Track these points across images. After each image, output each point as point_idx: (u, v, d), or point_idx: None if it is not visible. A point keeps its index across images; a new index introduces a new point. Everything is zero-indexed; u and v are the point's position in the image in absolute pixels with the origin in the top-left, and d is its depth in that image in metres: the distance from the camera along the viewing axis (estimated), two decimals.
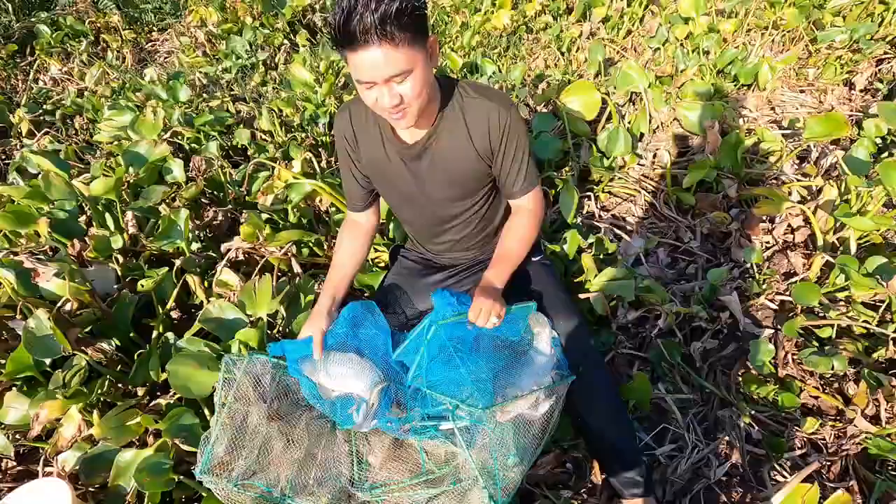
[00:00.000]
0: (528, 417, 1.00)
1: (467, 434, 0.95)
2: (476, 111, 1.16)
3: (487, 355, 1.05)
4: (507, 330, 1.11)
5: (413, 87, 1.01)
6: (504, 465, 0.93)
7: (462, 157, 1.21)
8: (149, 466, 1.17)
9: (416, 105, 1.05)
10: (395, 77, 0.98)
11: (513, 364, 1.06)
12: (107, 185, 1.92)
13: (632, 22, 3.20)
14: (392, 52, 0.94)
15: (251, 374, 1.28)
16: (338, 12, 0.92)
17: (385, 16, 0.89)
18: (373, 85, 1.00)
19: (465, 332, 1.06)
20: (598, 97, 2.28)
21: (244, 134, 2.53)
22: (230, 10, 3.91)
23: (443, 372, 1.02)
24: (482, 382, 0.98)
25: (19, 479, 1.39)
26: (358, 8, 0.89)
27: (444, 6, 3.85)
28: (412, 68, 0.98)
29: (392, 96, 1.01)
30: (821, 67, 2.69)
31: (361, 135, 1.26)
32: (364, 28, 0.90)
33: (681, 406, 1.45)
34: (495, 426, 0.94)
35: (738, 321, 1.60)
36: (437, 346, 1.04)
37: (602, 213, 2.10)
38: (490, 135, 1.17)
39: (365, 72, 0.97)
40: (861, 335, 1.52)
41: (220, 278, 1.65)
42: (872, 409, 1.33)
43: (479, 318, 1.04)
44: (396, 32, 0.92)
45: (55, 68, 3.61)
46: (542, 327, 1.18)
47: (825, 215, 1.77)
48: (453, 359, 1.01)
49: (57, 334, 1.33)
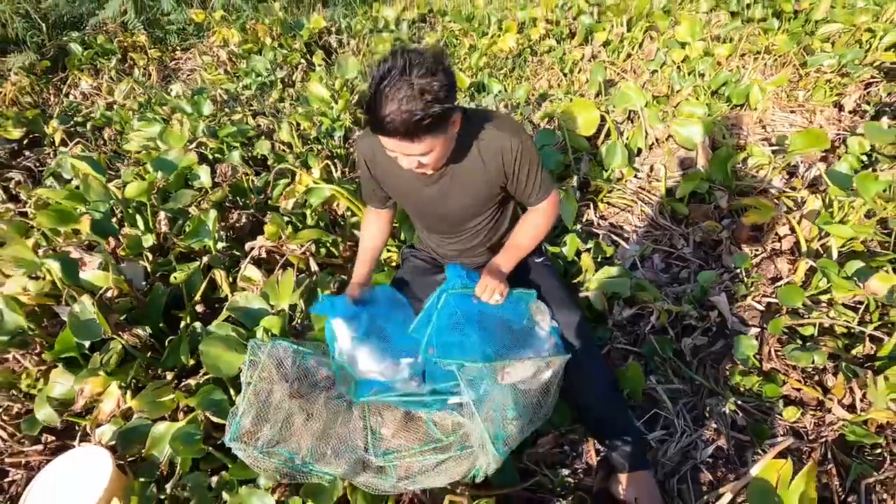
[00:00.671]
0: (528, 385, 1.11)
1: (474, 404, 1.06)
2: (489, 142, 1.28)
3: (492, 334, 1.16)
4: (511, 313, 1.24)
5: (432, 159, 1.15)
6: (504, 419, 1.04)
7: (476, 183, 1.34)
8: (182, 436, 1.28)
9: (434, 167, 1.21)
10: (415, 155, 1.12)
11: (514, 345, 1.17)
12: (140, 189, 2.07)
13: (631, 46, 3.38)
14: (416, 144, 1.07)
15: (274, 357, 1.39)
16: (370, 105, 1.02)
17: (411, 124, 1.01)
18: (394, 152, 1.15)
19: (471, 306, 1.19)
20: (597, 114, 2.43)
21: (265, 145, 2.69)
22: (251, 31, 4.14)
23: (450, 339, 1.14)
24: (486, 351, 1.09)
25: (56, 452, 1.50)
26: (388, 113, 1.00)
27: (453, 30, 4.06)
28: (431, 150, 1.12)
29: (411, 161, 1.15)
30: (811, 90, 2.84)
31: (382, 159, 1.36)
32: (393, 128, 1.02)
33: (671, 396, 1.55)
34: (495, 384, 1.05)
35: (726, 320, 1.71)
36: (447, 316, 1.16)
37: (600, 221, 2.23)
38: (504, 163, 1.30)
39: (388, 147, 1.13)
40: (842, 334, 1.63)
41: (245, 273, 1.79)
42: (849, 399, 1.43)
43: (485, 293, 1.19)
44: (416, 134, 1.05)
45: (85, 83, 3.82)
46: (542, 315, 1.30)
47: (809, 224, 1.89)
48: (460, 329, 1.14)
49: (99, 318, 1.46)
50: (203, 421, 1.35)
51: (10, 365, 1.67)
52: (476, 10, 4.32)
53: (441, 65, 1.05)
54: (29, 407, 1.58)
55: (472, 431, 1.10)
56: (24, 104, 3.61)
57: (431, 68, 1.02)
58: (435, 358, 1.16)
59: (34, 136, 3.21)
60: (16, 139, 3.09)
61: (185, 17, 4.57)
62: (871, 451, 1.35)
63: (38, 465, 1.49)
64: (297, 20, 4.27)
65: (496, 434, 1.00)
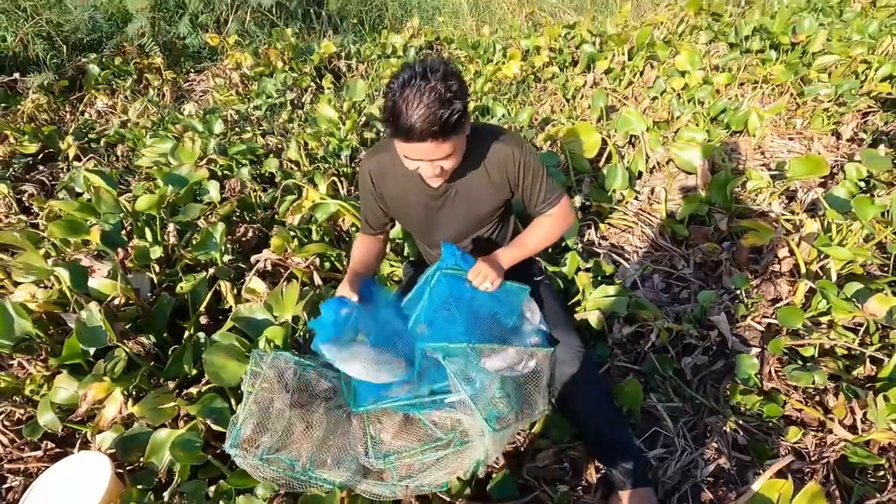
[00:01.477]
0: (512, 374, 1.14)
1: (471, 399, 1.07)
2: (492, 154, 1.32)
3: (479, 321, 1.18)
4: (502, 306, 1.26)
5: (453, 161, 1.20)
6: (493, 397, 1.06)
7: (481, 196, 1.38)
8: (182, 443, 1.29)
9: (451, 170, 1.25)
10: (440, 159, 1.16)
11: (499, 337, 1.19)
12: (150, 202, 2.11)
13: (632, 74, 3.47)
14: (441, 145, 1.11)
15: (276, 368, 1.41)
16: (395, 114, 1.06)
17: (436, 125, 1.05)
18: (417, 160, 1.17)
19: (463, 290, 1.22)
20: (598, 138, 2.49)
21: (273, 163, 2.75)
22: (263, 55, 4.27)
23: (440, 322, 1.17)
24: (470, 338, 1.12)
25: (55, 459, 1.50)
26: (415, 115, 1.04)
27: (459, 57, 4.18)
28: (454, 150, 1.17)
29: (434, 169, 1.19)
30: (808, 118, 2.90)
31: (388, 178, 1.40)
32: (419, 133, 1.06)
33: (672, 414, 1.55)
34: (480, 370, 1.08)
35: (726, 339, 1.72)
36: (439, 295, 1.20)
37: (601, 240, 2.26)
38: (508, 174, 1.34)
39: (413, 155, 1.15)
40: (842, 355, 1.63)
41: (250, 286, 1.81)
42: (850, 420, 1.42)
43: (477, 277, 1.21)
44: (444, 134, 1.09)
45: (101, 102, 3.93)
46: (532, 314, 1.30)
47: (808, 246, 1.91)
48: (449, 311, 1.17)
49: (106, 325, 1.49)
50: (203, 429, 1.36)
51: (15, 371, 1.68)
52: (481, 38, 4.46)
53: (452, 68, 1.11)
54: (31, 413, 1.59)
55: (470, 427, 1.11)
56: (40, 121, 3.71)
57: (446, 72, 1.08)
58: (422, 343, 1.18)
59: (49, 151, 3.29)
60: (31, 154, 3.17)
61: (200, 41, 4.72)
62: (873, 473, 1.34)
63: (37, 471, 1.49)
64: (309, 45, 4.41)
65: (488, 413, 1.02)
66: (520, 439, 1.49)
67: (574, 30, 4.04)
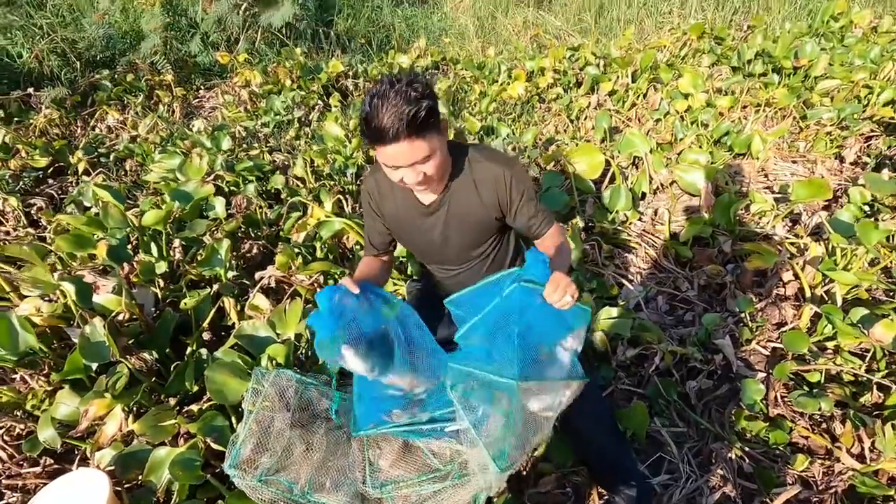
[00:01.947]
0: (551, 412, 1.05)
1: (473, 429, 1.04)
2: (483, 173, 1.34)
3: (526, 350, 1.04)
4: (563, 330, 1.10)
5: (434, 165, 1.20)
6: (501, 434, 1.00)
7: (472, 213, 1.39)
8: (181, 461, 1.28)
9: (436, 178, 1.25)
10: (419, 161, 1.17)
11: (541, 366, 1.07)
12: (157, 217, 2.13)
13: (636, 96, 3.51)
14: (416, 143, 1.12)
15: (277, 387, 1.40)
16: (368, 120, 1.10)
17: (408, 121, 1.08)
18: (399, 167, 1.18)
19: (531, 307, 1.06)
20: (602, 159, 2.51)
21: (279, 179, 2.78)
22: (272, 73, 4.35)
23: (498, 343, 1.03)
24: (512, 370, 0.99)
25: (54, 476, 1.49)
26: (385, 117, 1.08)
27: (464, 77, 4.24)
28: (433, 152, 1.17)
29: (416, 174, 1.19)
30: (811, 141, 2.91)
31: (385, 197, 1.44)
32: (393, 132, 1.08)
33: (676, 440, 1.53)
34: (518, 404, 1.00)
35: (731, 364, 1.70)
36: (505, 312, 1.06)
37: (605, 261, 2.26)
38: (498, 192, 1.35)
39: (392, 159, 1.16)
40: (849, 381, 1.61)
41: (253, 302, 1.82)
42: (858, 448, 1.40)
43: (556, 292, 1.04)
44: (417, 131, 1.11)
45: (112, 118, 4.00)
46: (574, 338, 1.21)
47: (812, 270, 1.90)
48: (504, 333, 1.04)
49: (109, 341, 1.49)
50: (203, 447, 1.35)
51: (18, 385, 1.68)
52: (487, 59, 4.52)
53: (420, 75, 1.14)
54: (31, 428, 1.58)
55: (470, 458, 1.09)
56: (52, 135, 3.77)
57: (413, 77, 1.12)
58: (461, 360, 1.08)
59: (59, 165, 3.34)
60: (41, 168, 3.22)
61: (210, 59, 4.81)
62: None
63: (35, 487, 1.48)
64: (317, 64, 4.49)
65: (498, 450, 0.98)
66: (522, 464, 1.47)
67: (578, 52, 4.10)
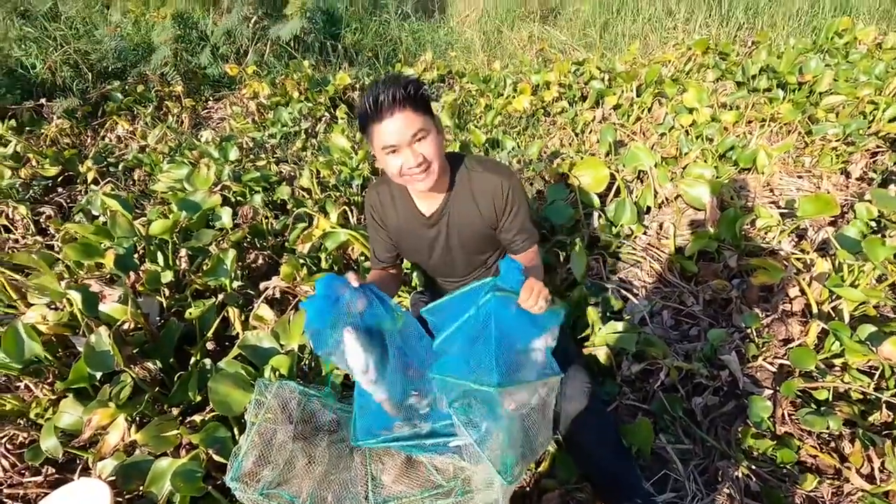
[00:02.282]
0: (526, 409, 1.05)
1: (477, 444, 1.03)
2: (481, 183, 1.37)
3: (510, 354, 1.05)
4: (536, 332, 1.10)
5: (432, 145, 1.23)
6: (504, 445, 0.99)
7: (472, 224, 1.41)
8: (183, 473, 1.28)
9: (436, 164, 1.25)
10: (417, 135, 1.20)
11: (516, 368, 1.09)
12: (164, 227, 2.15)
13: (641, 110, 3.52)
14: (411, 115, 1.19)
15: (280, 398, 1.40)
16: (367, 97, 1.20)
17: (402, 93, 1.17)
18: (398, 149, 1.21)
19: (506, 314, 1.07)
20: (606, 172, 2.51)
21: (285, 190, 2.80)
22: (280, 85, 4.40)
23: (477, 350, 1.04)
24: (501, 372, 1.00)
25: (55, 486, 1.48)
26: (381, 92, 1.17)
27: (470, 90, 4.28)
28: (429, 130, 1.22)
29: (416, 156, 1.22)
30: (817, 156, 2.91)
31: (388, 209, 1.47)
32: (389, 102, 1.17)
33: (682, 457, 1.51)
34: (494, 416, 1.00)
35: (737, 380, 1.68)
36: (482, 321, 1.07)
37: (610, 275, 2.25)
38: (495, 203, 1.37)
39: (392, 136, 1.20)
40: (858, 400, 1.59)
41: (257, 312, 1.82)
42: (867, 468, 1.38)
43: (531, 297, 1.05)
44: (411, 104, 1.18)
45: (122, 128, 4.05)
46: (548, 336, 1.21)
47: (819, 286, 1.89)
48: (483, 342, 1.04)
49: (114, 350, 1.49)
50: (205, 459, 1.34)
51: (22, 393, 1.69)
52: (493, 72, 4.57)
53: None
54: (34, 437, 1.58)
55: (474, 475, 1.08)
56: (62, 145, 3.82)
57: (407, 76, 1.21)
58: (442, 371, 1.08)
59: (69, 174, 3.38)
60: (51, 176, 3.26)
61: (220, 71, 4.88)
62: None
63: (36, 497, 1.48)
64: (324, 77, 4.54)
65: (502, 464, 0.97)
66: (525, 479, 1.46)
67: (583, 66, 4.13)
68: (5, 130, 3.67)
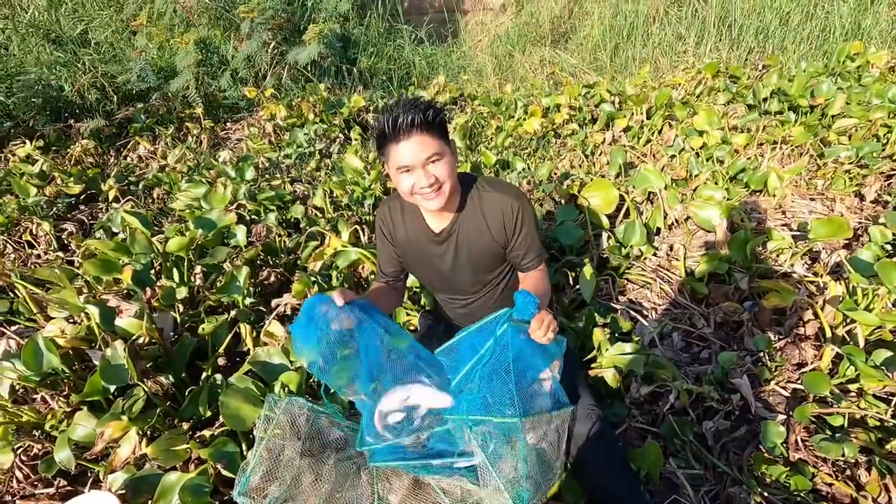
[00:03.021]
0: (543, 441, 1.07)
1: (490, 464, 1.03)
2: (492, 203, 1.40)
3: (526, 386, 1.09)
4: (544, 362, 1.14)
5: (445, 167, 1.27)
6: (519, 478, 1.00)
7: (480, 242, 1.43)
8: (191, 487, 1.29)
9: (447, 185, 1.29)
10: (431, 158, 1.24)
11: (530, 398, 1.12)
12: (180, 244, 2.21)
13: (651, 132, 3.55)
14: (427, 139, 1.23)
15: (289, 414, 1.41)
16: (386, 117, 1.23)
17: (421, 118, 1.21)
18: (412, 169, 1.25)
19: (519, 345, 1.11)
20: (616, 194, 2.53)
21: (299, 209, 2.86)
22: (296, 107, 4.52)
23: (495, 384, 1.06)
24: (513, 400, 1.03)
25: (66, 497, 1.50)
26: (401, 113, 1.21)
27: (482, 112, 4.35)
28: (443, 153, 1.26)
29: (428, 176, 1.26)
30: (830, 179, 2.89)
31: (398, 225, 1.51)
32: (407, 125, 1.21)
33: (692, 483, 1.48)
34: (509, 444, 1.02)
35: (749, 404, 1.66)
36: (500, 353, 1.10)
37: (619, 296, 2.25)
38: (505, 223, 1.40)
39: (407, 157, 1.24)
40: (874, 427, 1.56)
41: (268, 329, 1.85)
42: (885, 498, 1.34)
43: (541, 328, 1.10)
44: (429, 127, 1.23)
45: (143, 148, 4.19)
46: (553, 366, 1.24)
47: (833, 310, 1.86)
48: (506, 374, 1.07)
49: (128, 364, 1.53)
50: (213, 473, 1.35)
51: (38, 405, 1.73)
52: (504, 95, 4.64)
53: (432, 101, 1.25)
54: (48, 448, 1.61)
55: (484, 499, 1.07)
56: (87, 164, 3.96)
57: (426, 100, 1.26)
58: (465, 409, 1.09)
59: (91, 192, 3.49)
60: (75, 194, 3.36)
61: (239, 94, 5.04)
62: None
63: None
64: (339, 99, 4.66)
65: (516, 493, 0.98)
66: None
67: (594, 89, 4.19)
68: (33, 150, 3.82)
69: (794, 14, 5.17)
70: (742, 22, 5.19)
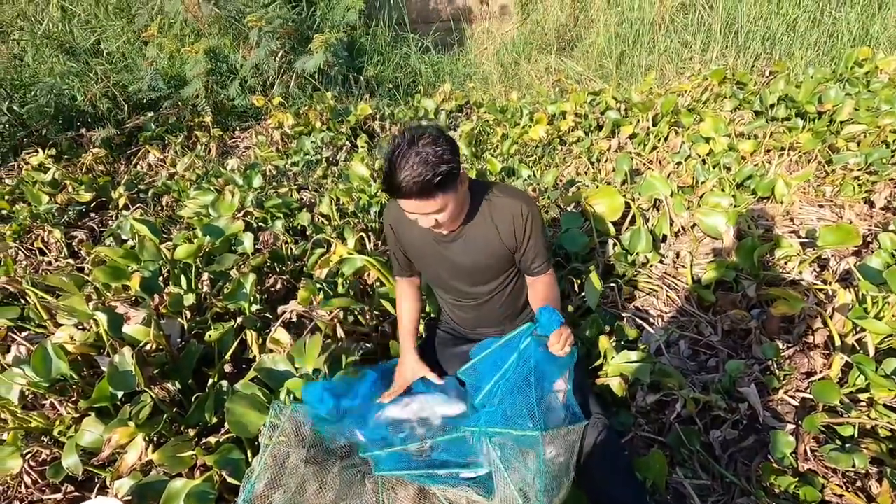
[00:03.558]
0: (561, 456, 1.08)
1: (503, 475, 1.03)
2: (501, 209, 1.41)
3: (541, 398, 1.13)
4: (558, 374, 1.19)
5: (446, 215, 1.28)
6: (535, 492, 1.01)
7: (488, 246, 1.44)
8: (196, 493, 1.29)
9: (449, 222, 1.32)
10: (433, 212, 1.25)
11: (547, 410, 1.15)
12: (188, 251, 2.23)
13: (657, 139, 3.54)
14: (428, 202, 1.21)
15: (294, 421, 1.42)
16: (388, 172, 1.19)
17: (422, 184, 1.16)
18: (412, 213, 1.28)
19: (540, 358, 1.14)
20: (622, 201, 2.52)
21: (305, 216, 2.88)
22: (304, 115, 4.56)
23: (515, 398, 1.09)
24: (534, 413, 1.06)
25: (73, 503, 1.52)
26: (401, 175, 1.16)
27: (487, 120, 4.37)
28: (444, 206, 1.25)
29: (428, 221, 1.29)
30: (838, 186, 2.87)
31: (405, 226, 1.52)
32: (408, 190, 1.17)
33: (700, 493, 1.46)
34: (524, 457, 1.02)
35: (757, 413, 1.64)
36: (523, 366, 1.12)
37: (625, 304, 2.24)
38: (515, 228, 1.41)
39: (407, 209, 1.26)
40: (885, 437, 1.53)
41: (275, 336, 1.86)
42: None
43: (559, 342, 1.15)
44: (430, 193, 1.19)
45: (153, 156, 4.24)
46: (564, 379, 1.26)
47: (842, 318, 1.84)
48: (527, 386, 1.09)
49: (136, 370, 1.54)
50: (218, 480, 1.36)
51: (47, 411, 1.74)
52: (510, 102, 4.66)
53: (443, 134, 1.21)
54: (56, 454, 1.62)
55: None
56: (97, 172, 4.01)
57: (435, 137, 1.18)
58: (484, 421, 1.11)
59: (102, 200, 3.53)
60: (85, 202, 3.41)
61: (247, 102, 5.10)
62: None
63: None
64: (346, 107, 4.70)
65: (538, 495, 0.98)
66: None
67: (599, 96, 4.19)
68: (45, 158, 3.87)
69: (801, 20, 5.15)
70: (748, 29, 5.18)
